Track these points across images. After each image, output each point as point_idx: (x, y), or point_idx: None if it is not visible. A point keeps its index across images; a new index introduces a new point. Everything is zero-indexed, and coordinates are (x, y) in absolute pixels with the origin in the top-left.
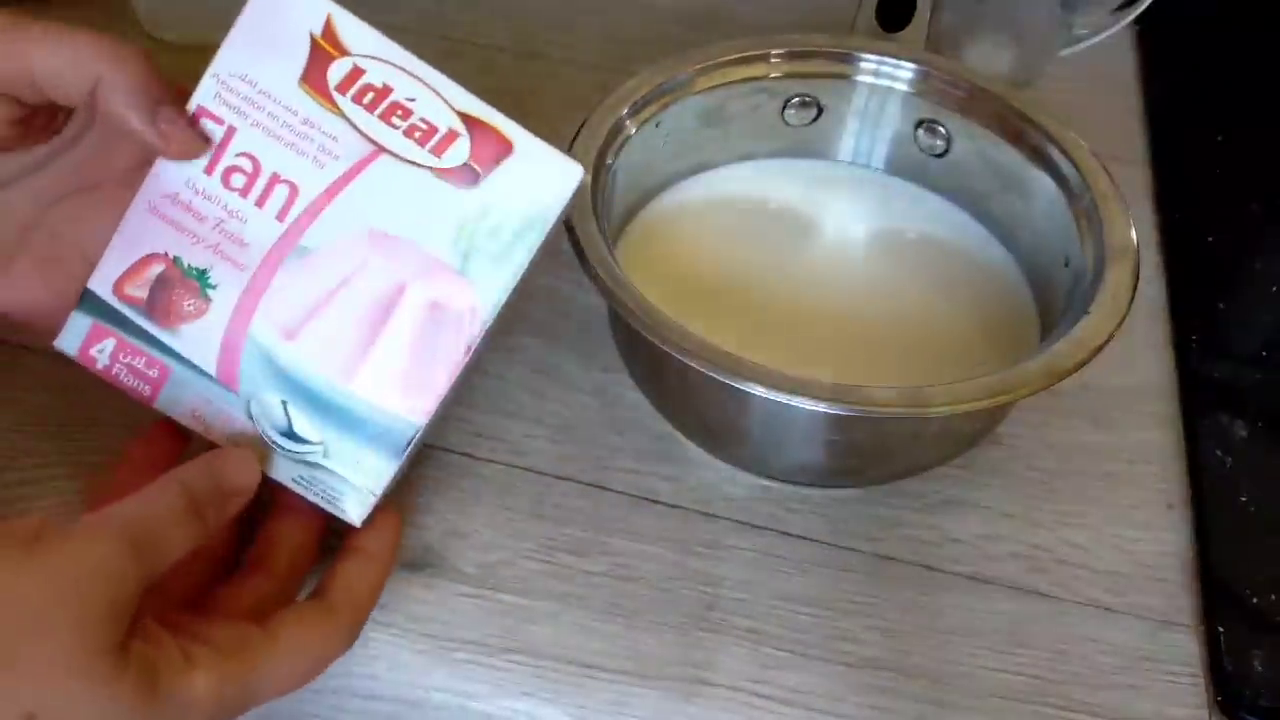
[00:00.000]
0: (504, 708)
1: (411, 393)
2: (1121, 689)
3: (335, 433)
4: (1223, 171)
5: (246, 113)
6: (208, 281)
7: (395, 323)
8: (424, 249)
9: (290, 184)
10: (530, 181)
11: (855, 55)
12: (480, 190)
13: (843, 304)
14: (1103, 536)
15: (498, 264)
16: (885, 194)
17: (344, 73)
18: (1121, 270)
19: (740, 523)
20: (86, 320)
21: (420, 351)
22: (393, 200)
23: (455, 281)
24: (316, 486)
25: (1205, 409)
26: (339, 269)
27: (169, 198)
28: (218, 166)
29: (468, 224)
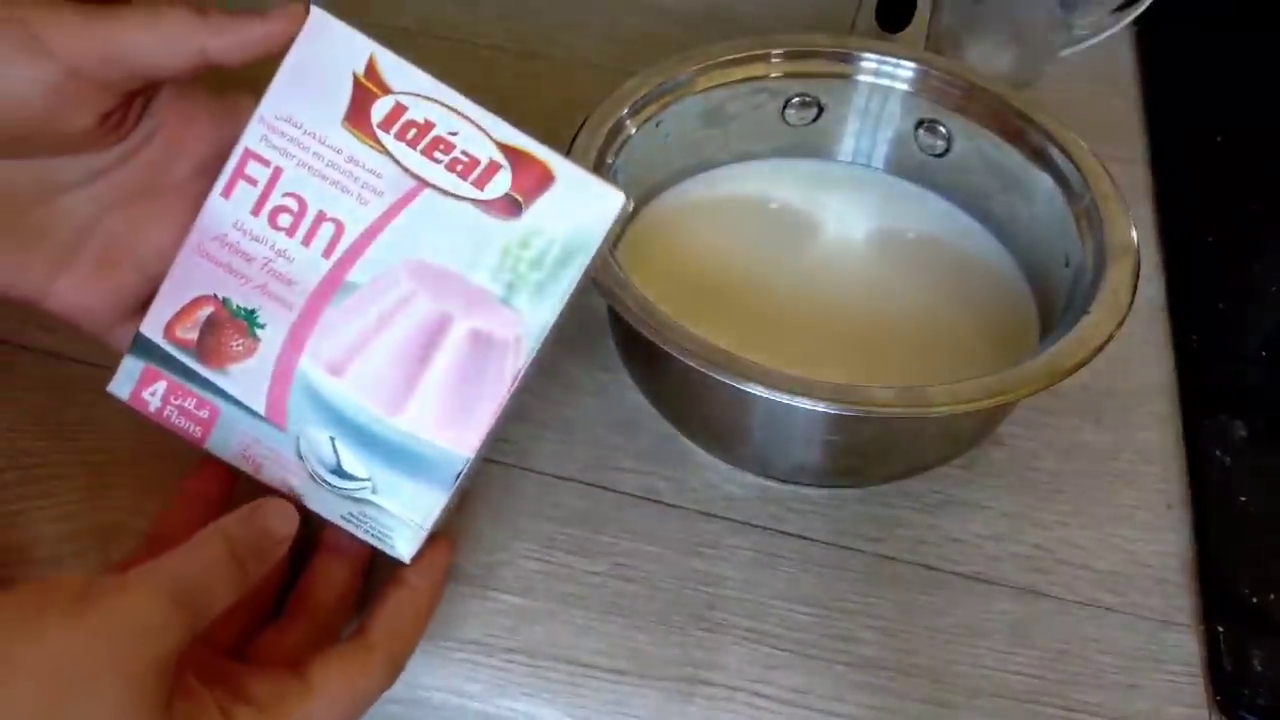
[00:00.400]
0: (503, 708)
1: (458, 425)
2: (1121, 689)
3: (383, 468)
4: (1223, 171)
5: (292, 153)
6: (256, 321)
7: (441, 355)
8: (469, 280)
9: (336, 221)
10: (572, 210)
11: (855, 55)
12: (523, 221)
13: (843, 304)
14: (1103, 536)
15: (542, 293)
16: (885, 194)
17: (386, 110)
18: (1121, 270)
19: (740, 523)
20: (139, 364)
21: (466, 383)
22: (437, 234)
23: (500, 312)
24: (366, 524)
25: (1205, 409)
26: (384, 303)
27: (217, 239)
28: (264, 207)
29: (511, 254)
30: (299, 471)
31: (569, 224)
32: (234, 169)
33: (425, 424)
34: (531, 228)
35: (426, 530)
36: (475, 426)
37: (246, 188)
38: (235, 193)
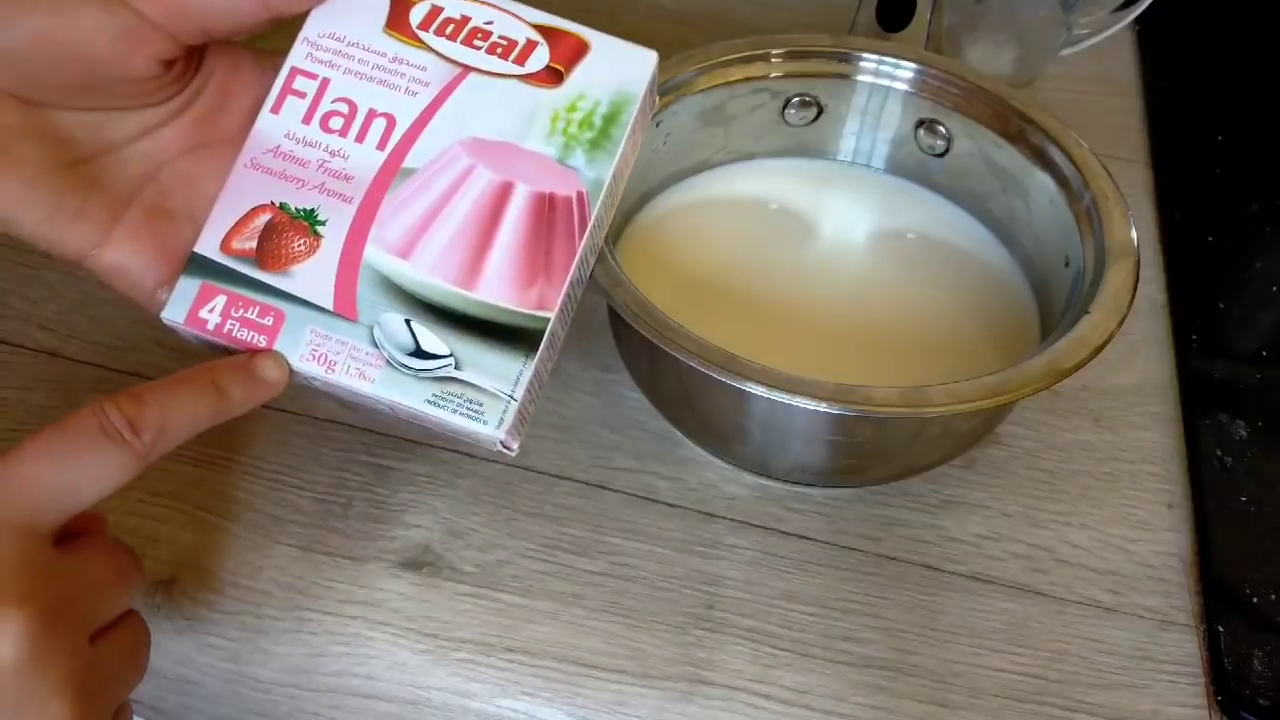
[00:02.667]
0: (503, 707)
1: (536, 287)
2: (1121, 689)
3: (464, 342)
4: (1223, 171)
5: (338, 64)
6: (316, 219)
7: (508, 222)
8: (524, 147)
9: (387, 115)
10: (610, 71)
11: (855, 55)
12: (566, 87)
13: (843, 304)
14: (1103, 536)
15: (596, 149)
16: (885, 194)
17: (425, 12)
18: (1122, 270)
19: (740, 522)
20: (194, 283)
21: (537, 246)
22: (486, 110)
23: (559, 172)
24: (452, 402)
25: (1205, 409)
26: (444, 181)
27: (270, 151)
28: (315, 114)
29: (560, 118)
30: (376, 361)
31: (610, 83)
32: (282, 86)
33: (502, 290)
34: (575, 92)
35: (517, 401)
36: (554, 286)
37: (295, 101)
38: (284, 107)
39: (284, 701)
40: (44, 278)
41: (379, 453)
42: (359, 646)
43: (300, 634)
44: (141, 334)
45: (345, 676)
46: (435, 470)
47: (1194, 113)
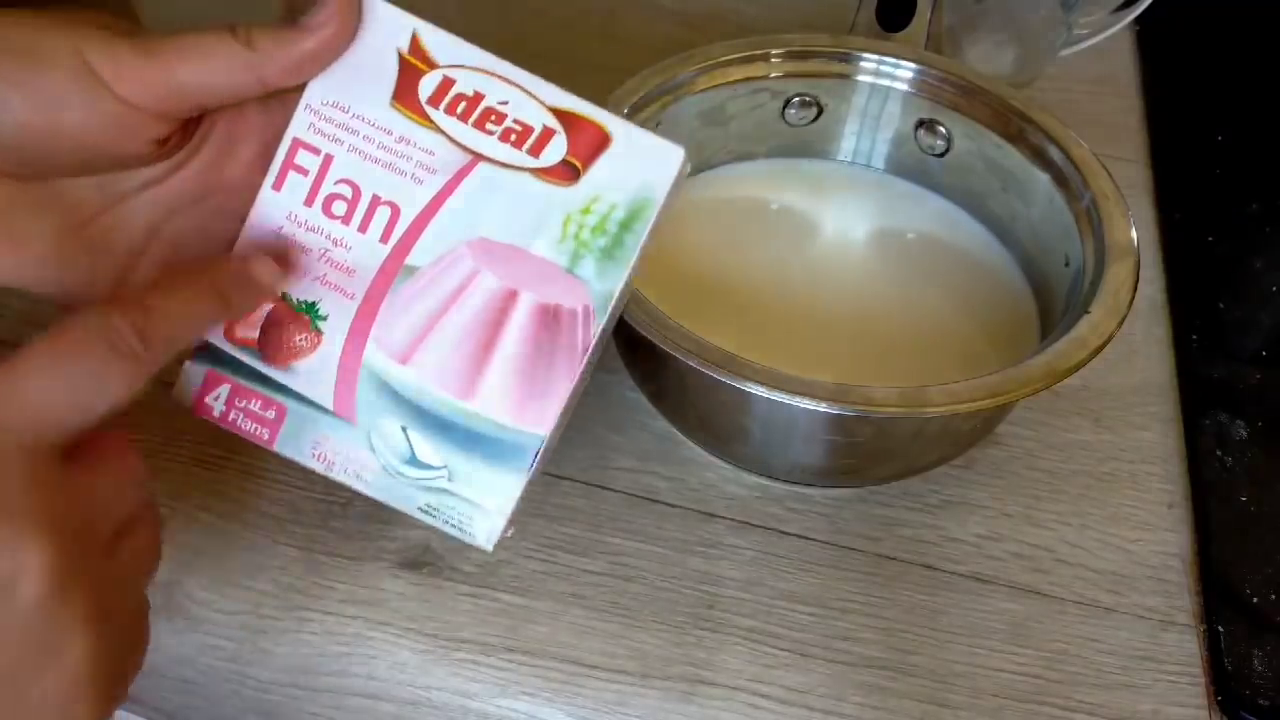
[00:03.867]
0: (503, 707)
1: (533, 404)
2: (1121, 689)
3: (458, 454)
4: (1223, 171)
5: (342, 139)
6: (317, 314)
7: (509, 333)
8: (531, 252)
9: (391, 204)
10: (632, 170)
11: (855, 55)
12: (582, 185)
13: (843, 304)
14: (1103, 536)
15: (608, 259)
16: (885, 194)
17: (435, 85)
18: (1121, 270)
19: (740, 522)
20: (201, 369)
21: (537, 360)
22: (495, 207)
23: (566, 282)
24: (444, 514)
25: (1205, 409)
26: (447, 284)
27: (272, 234)
28: (318, 196)
29: (573, 222)
30: (371, 465)
31: (630, 185)
32: (284, 160)
33: (498, 405)
34: (592, 192)
35: (506, 517)
36: (551, 404)
37: (298, 178)
38: (286, 184)
39: (284, 701)
40: None
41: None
42: (359, 646)
43: (300, 634)
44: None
45: (345, 676)
46: None
47: (1194, 113)
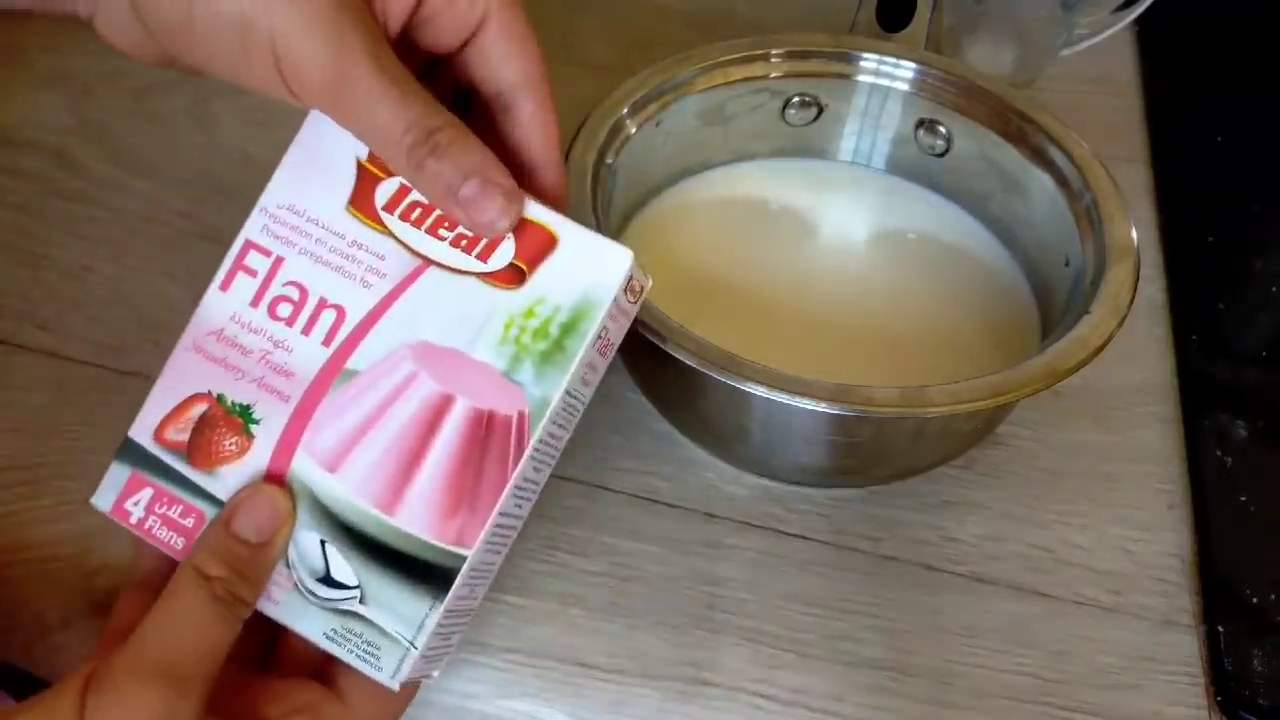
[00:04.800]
0: (504, 708)
1: (457, 519)
2: (1121, 689)
3: (374, 574)
4: (1223, 171)
5: (294, 241)
6: (251, 417)
7: (441, 440)
8: (471, 356)
9: (337, 308)
10: (576, 273)
11: (855, 55)
12: (526, 288)
13: (843, 304)
14: (1103, 536)
15: (547, 363)
16: (885, 194)
17: (391, 192)
18: (1122, 270)
19: (740, 523)
20: (125, 471)
21: (467, 470)
22: (439, 311)
23: (503, 387)
24: (350, 642)
25: (1205, 409)
26: (385, 388)
27: (214, 334)
28: (264, 298)
29: (514, 325)
30: (284, 581)
31: (575, 287)
32: (234, 261)
33: (422, 519)
34: (535, 295)
35: (418, 650)
36: (477, 517)
37: (246, 279)
38: (234, 285)
39: None
40: (44, 278)
41: None
42: None
43: None
44: (141, 334)
45: None
46: None
47: (1194, 113)
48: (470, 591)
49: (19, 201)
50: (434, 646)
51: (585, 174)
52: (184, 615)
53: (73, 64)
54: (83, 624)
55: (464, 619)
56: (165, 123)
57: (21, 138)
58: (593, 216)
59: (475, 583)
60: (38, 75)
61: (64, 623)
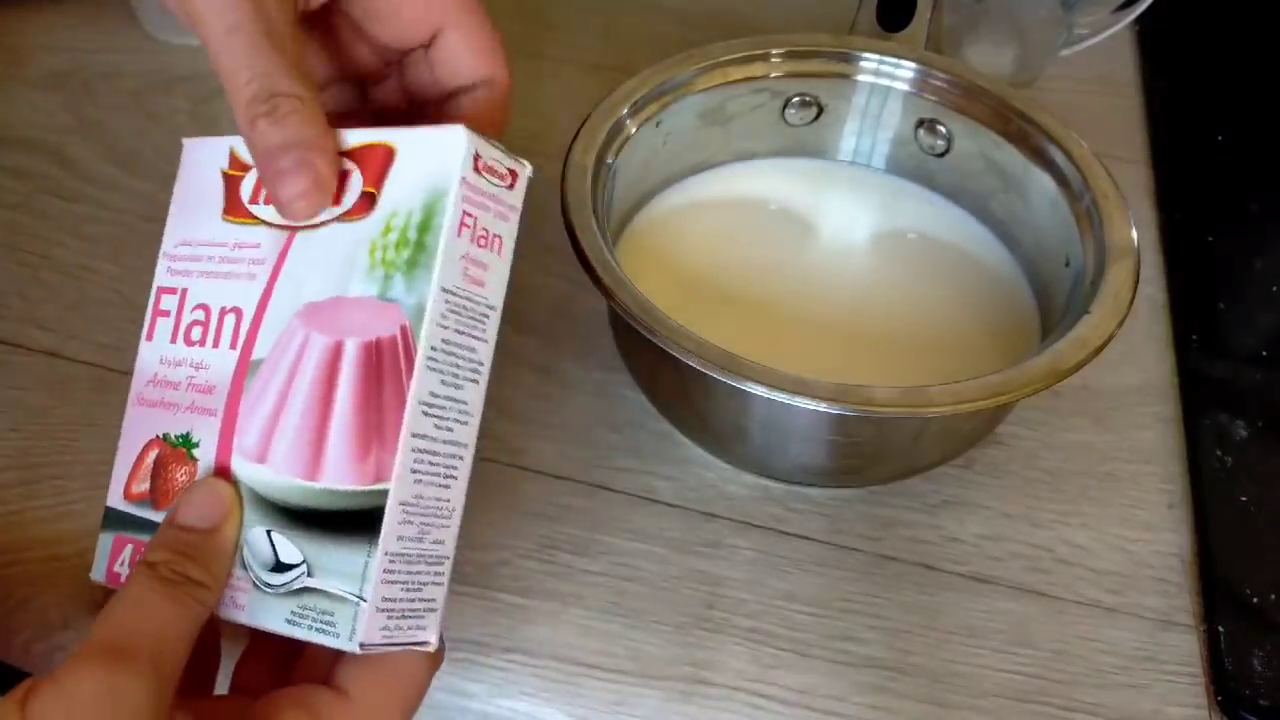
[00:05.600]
0: (503, 707)
1: (370, 456)
2: (1121, 689)
3: (315, 543)
4: (1223, 171)
5: (192, 270)
6: (191, 443)
7: (341, 388)
8: (349, 297)
9: (236, 310)
10: (417, 173)
11: (855, 55)
12: (378, 209)
13: (843, 304)
14: (1103, 536)
15: (414, 267)
16: (886, 194)
17: (252, 185)
18: (1122, 270)
19: (740, 522)
20: (109, 538)
21: (369, 407)
22: (313, 269)
23: (382, 311)
24: (308, 619)
25: (1205, 409)
26: (285, 363)
27: (150, 382)
28: (180, 331)
29: (377, 248)
30: (245, 585)
31: (419, 186)
32: (151, 310)
33: (342, 471)
34: (388, 211)
35: (368, 602)
36: (388, 447)
37: (163, 322)
38: (156, 331)
39: None
40: (44, 278)
41: None
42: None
43: None
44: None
45: None
46: None
47: (1194, 113)
48: (419, 532)
49: (19, 201)
50: (393, 599)
51: (585, 174)
52: (129, 600)
53: (73, 64)
54: (83, 624)
55: (431, 568)
56: (165, 123)
57: (21, 138)
58: (592, 216)
59: (424, 521)
60: (38, 75)
61: (64, 623)
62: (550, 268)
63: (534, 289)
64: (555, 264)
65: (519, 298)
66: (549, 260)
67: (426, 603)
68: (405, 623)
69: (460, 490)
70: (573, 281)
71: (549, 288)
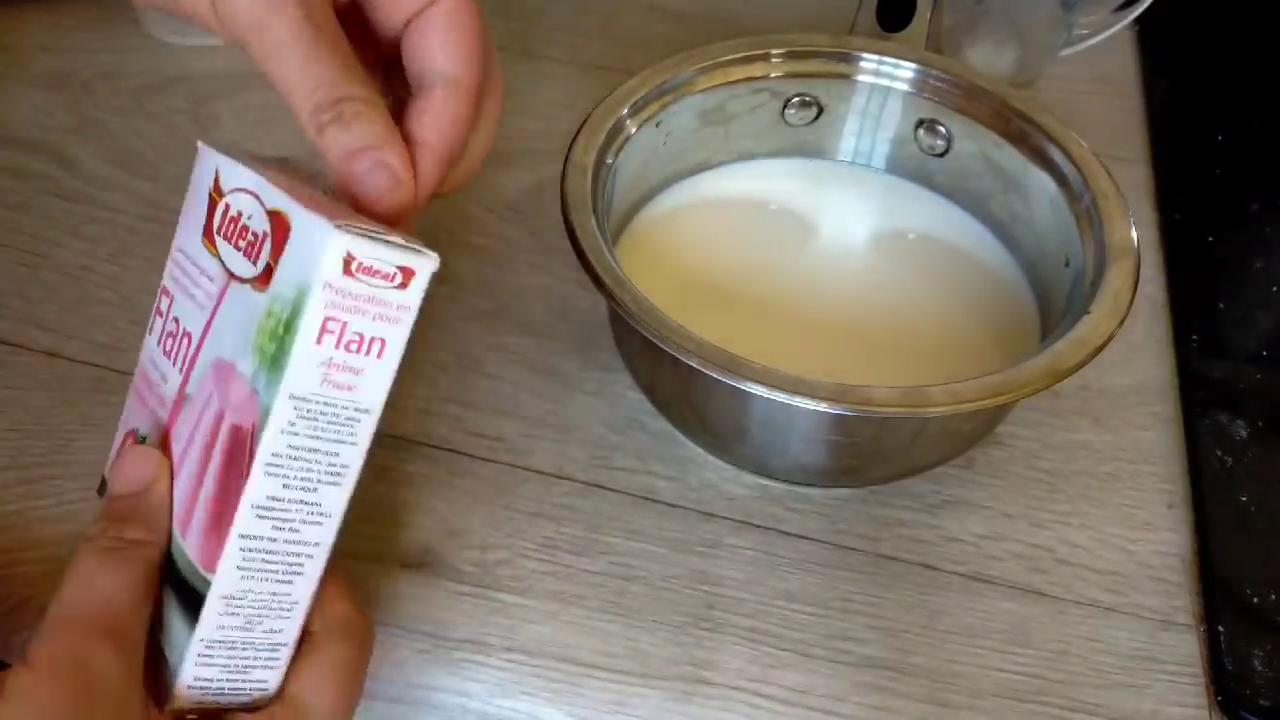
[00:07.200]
0: (503, 707)
1: (216, 539)
2: (1121, 689)
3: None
4: (1223, 171)
5: (178, 278)
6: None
7: (214, 461)
8: (237, 369)
9: (188, 334)
10: (299, 259)
11: (855, 55)
12: (270, 288)
13: (843, 304)
14: (1103, 536)
15: (274, 366)
16: (885, 194)
17: (220, 213)
18: (1122, 270)
19: (740, 522)
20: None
21: (225, 491)
22: (230, 324)
23: (249, 399)
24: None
25: (1205, 409)
26: (196, 410)
27: (141, 375)
28: (162, 335)
29: (260, 329)
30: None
31: (295, 276)
32: (154, 306)
33: (196, 546)
34: (274, 293)
35: (179, 680)
36: (222, 536)
37: (157, 320)
38: (153, 328)
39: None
40: (44, 278)
41: (377, 453)
42: None
43: None
44: (141, 334)
45: None
46: (434, 470)
47: (1194, 113)
48: (245, 623)
49: (19, 201)
50: (210, 679)
51: (585, 174)
52: (73, 576)
53: (73, 64)
54: None
55: (263, 654)
56: (165, 123)
57: (21, 138)
58: (592, 216)
59: (253, 613)
60: (38, 75)
61: None
62: (550, 268)
63: (534, 289)
64: (555, 264)
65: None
66: (549, 260)
67: (256, 684)
68: (225, 699)
69: (309, 583)
70: (573, 281)
71: (549, 288)
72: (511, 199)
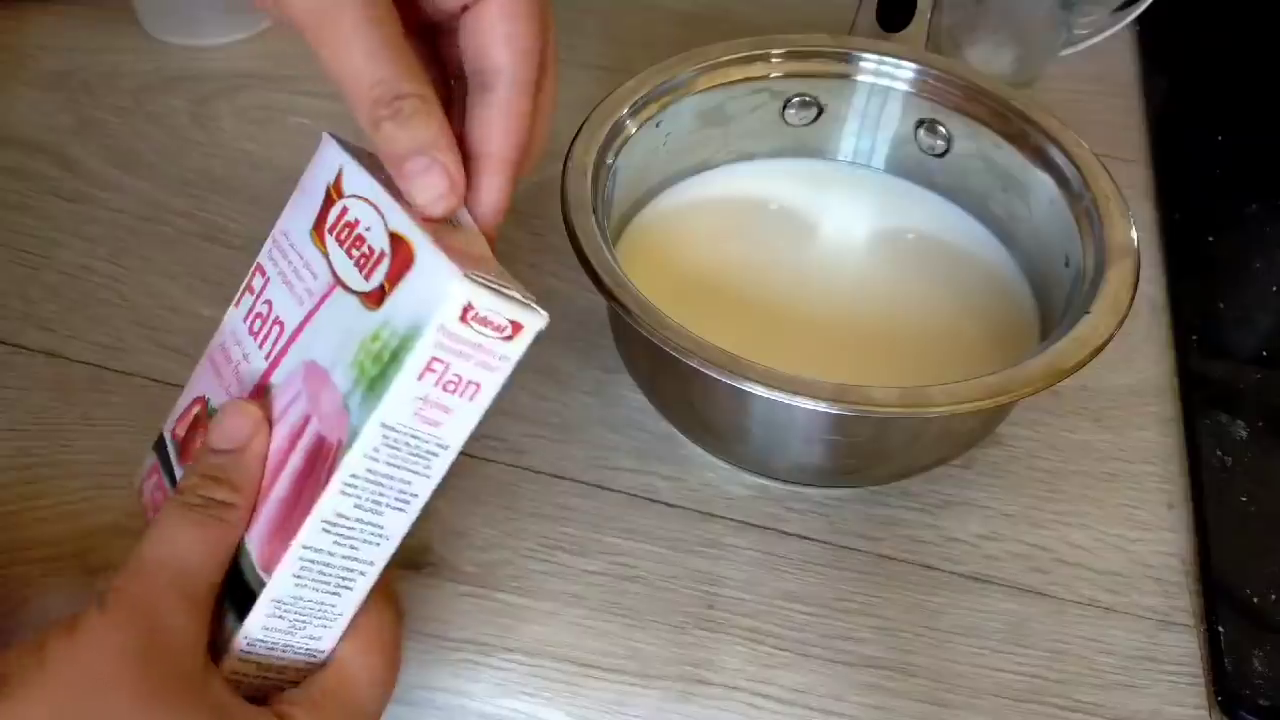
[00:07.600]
0: (503, 707)
1: (273, 541)
2: (1121, 689)
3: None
4: (1223, 171)
5: (278, 263)
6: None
7: (291, 463)
8: (332, 379)
9: (280, 322)
10: (418, 297)
11: (855, 55)
12: (381, 310)
13: (843, 304)
14: (1103, 536)
15: (371, 393)
16: (885, 194)
17: (336, 214)
18: (1122, 270)
19: (740, 522)
20: (151, 458)
21: (297, 496)
22: (329, 331)
23: (340, 414)
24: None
25: (1205, 409)
26: (282, 403)
27: (220, 345)
28: (251, 314)
29: (364, 348)
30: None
31: (411, 311)
32: (246, 282)
33: (257, 540)
34: (383, 318)
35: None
36: (284, 546)
37: (248, 297)
38: (242, 303)
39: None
40: (44, 278)
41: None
42: None
43: None
44: (141, 334)
45: None
46: None
47: (1194, 113)
48: (290, 627)
49: (19, 201)
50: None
51: (585, 174)
52: (155, 531)
53: (73, 64)
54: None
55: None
56: (165, 123)
57: (21, 138)
58: (592, 216)
59: (299, 618)
60: (38, 75)
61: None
62: (550, 268)
63: (534, 289)
64: (555, 264)
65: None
66: (549, 260)
67: (287, 682)
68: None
69: (355, 598)
70: (573, 281)
71: (549, 288)
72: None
